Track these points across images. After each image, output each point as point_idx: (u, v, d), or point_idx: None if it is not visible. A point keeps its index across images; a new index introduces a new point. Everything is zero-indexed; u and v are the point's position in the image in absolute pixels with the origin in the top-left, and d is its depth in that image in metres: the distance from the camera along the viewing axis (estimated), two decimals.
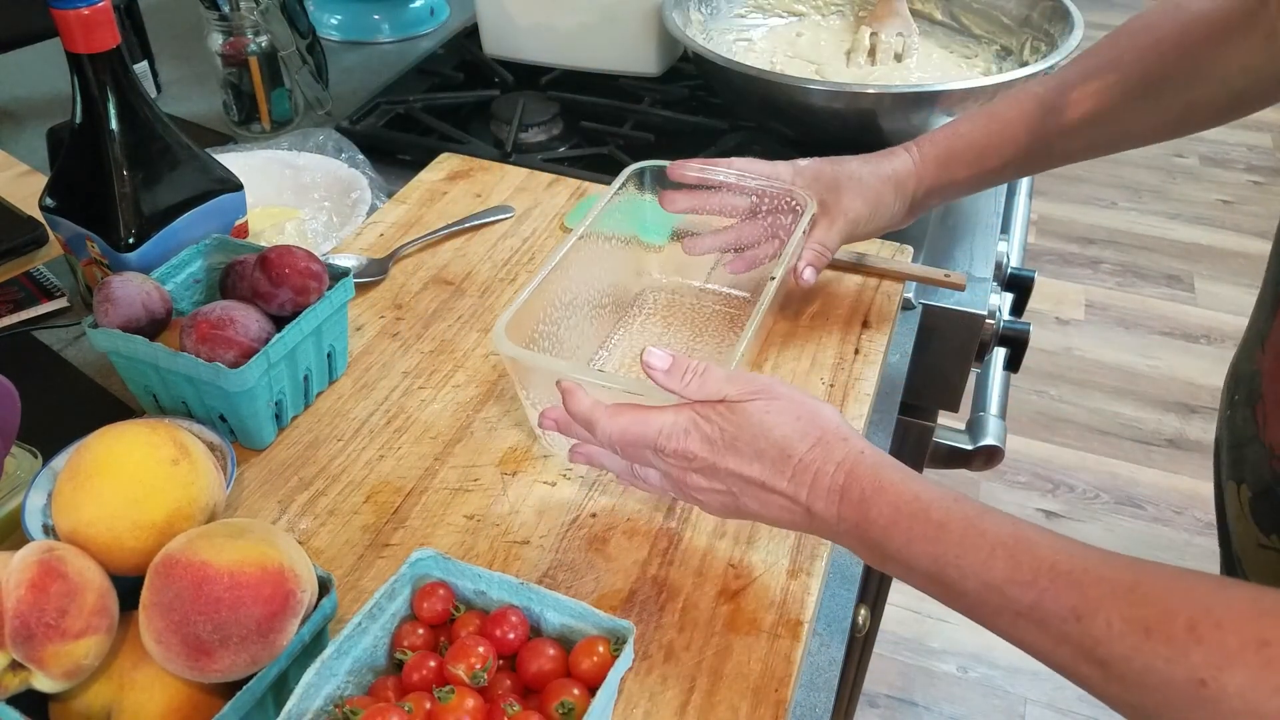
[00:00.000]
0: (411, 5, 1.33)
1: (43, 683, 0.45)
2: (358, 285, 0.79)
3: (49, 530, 0.54)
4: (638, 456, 0.54)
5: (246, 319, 0.62)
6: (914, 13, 1.11)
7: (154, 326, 0.63)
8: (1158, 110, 0.65)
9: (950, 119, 0.77)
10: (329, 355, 0.69)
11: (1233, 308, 2.39)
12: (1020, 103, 0.69)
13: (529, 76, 1.14)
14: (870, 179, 0.71)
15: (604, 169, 0.96)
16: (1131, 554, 0.41)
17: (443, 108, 1.09)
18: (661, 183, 0.76)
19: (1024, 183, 1.18)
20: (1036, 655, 0.42)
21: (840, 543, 0.50)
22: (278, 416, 0.66)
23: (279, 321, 0.65)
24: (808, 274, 0.70)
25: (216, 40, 1.02)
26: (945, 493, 0.47)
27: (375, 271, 0.80)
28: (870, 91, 0.88)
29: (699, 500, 0.53)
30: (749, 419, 0.50)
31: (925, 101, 0.87)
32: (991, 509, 0.46)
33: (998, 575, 0.43)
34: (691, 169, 0.73)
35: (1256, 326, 0.57)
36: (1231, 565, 0.58)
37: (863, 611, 0.91)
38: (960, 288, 0.80)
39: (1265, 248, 2.57)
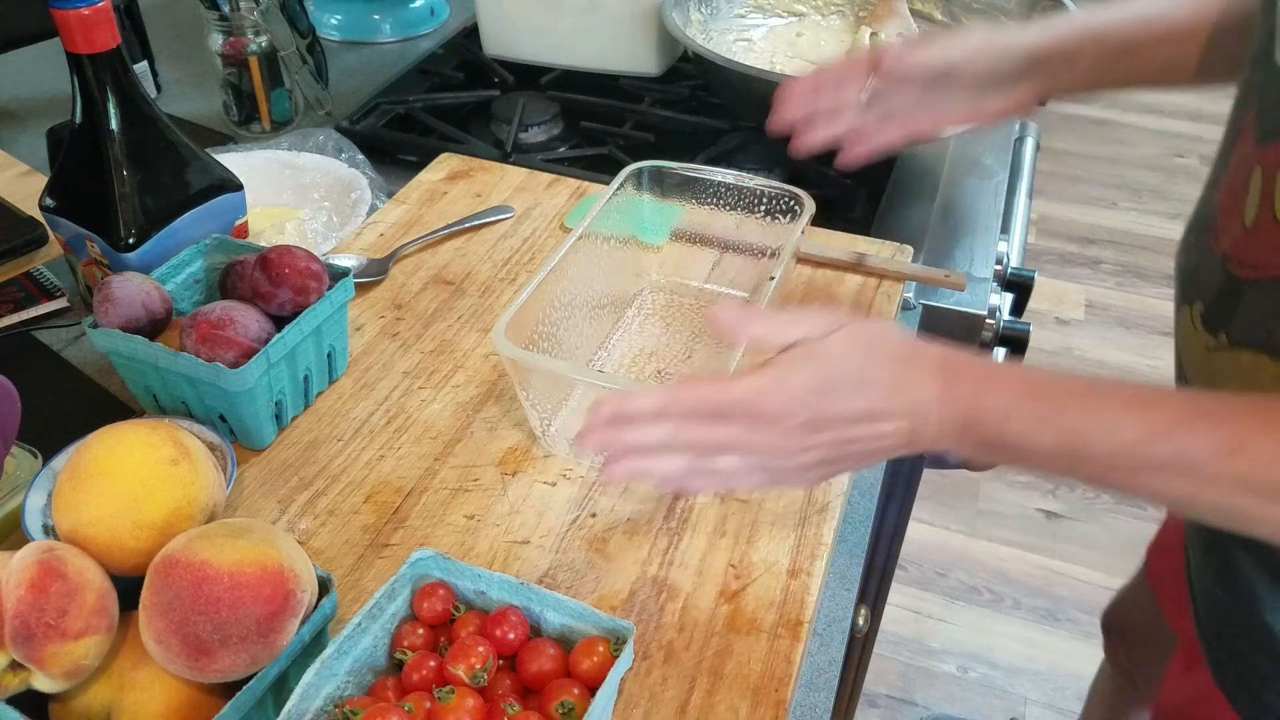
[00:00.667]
0: (411, 5, 1.33)
1: (43, 683, 0.45)
2: (358, 285, 0.79)
3: (49, 530, 0.54)
4: (713, 438, 0.49)
5: (246, 319, 0.62)
6: (914, 13, 1.11)
7: (154, 326, 0.63)
8: None
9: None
10: (329, 355, 0.69)
11: None
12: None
13: (529, 76, 1.14)
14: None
15: (604, 169, 0.96)
16: (1131, 555, 0.42)
17: (443, 108, 1.09)
18: (660, 183, 0.76)
19: (1024, 183, 1.17)
20: (1179, 503, 0.44)
21: (945, 446, 0.48)
22: (278, 416, 0.66)
23: (279, 321, 0.65)
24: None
25: (216, 40, 1.02)
26: (1047, 370, 0.47)
27: (375, 271, 0.80)
28: None
29: (790, 470, 0.50)
30: (838, 353, 0.48)
31: None
32: (1095, 376, 0.47)
33: (1129, 436, 0.43)
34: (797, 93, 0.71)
35: (1214, 175, 0.59)
36: (1184, 380, 0.60)
37: (863, 611, 0.91)
38: (960, 288, 0.80)
39: None
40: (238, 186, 0.74)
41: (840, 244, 0.84)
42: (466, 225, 0.86)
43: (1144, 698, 1.07)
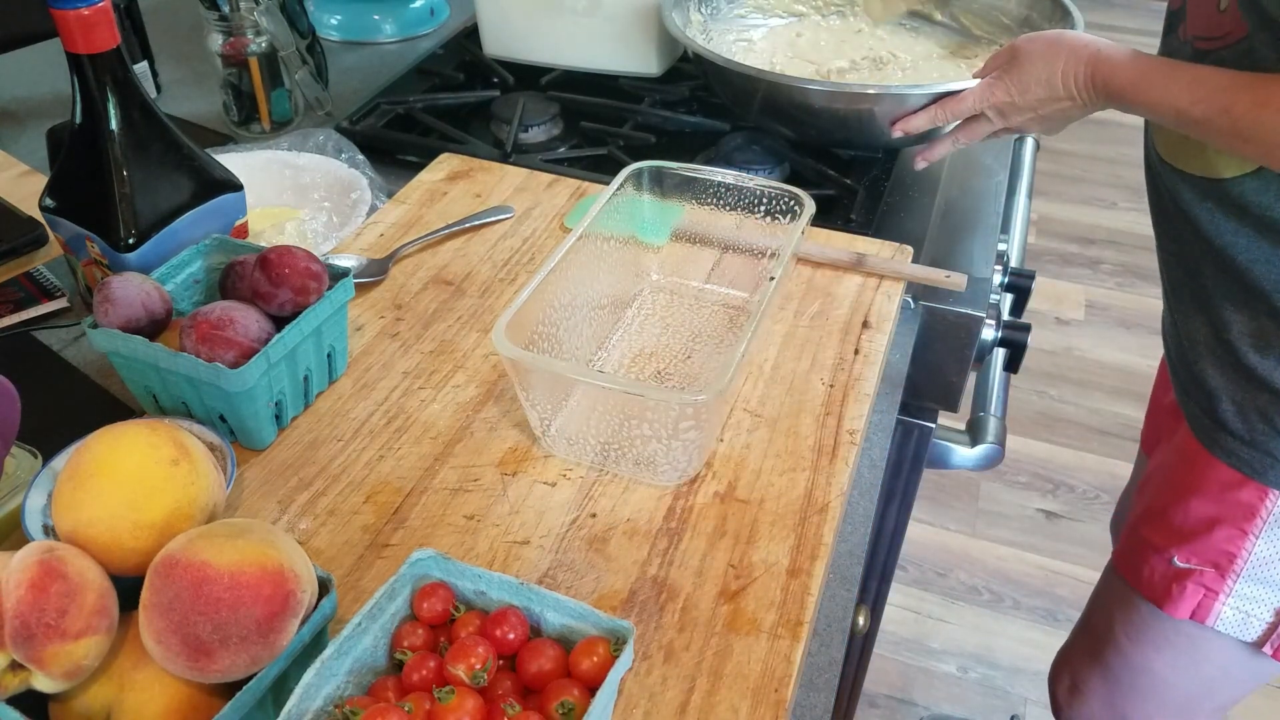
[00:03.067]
0: (411, 5, 1.33)
1: (43, 683, 0.45)
2: (358, 285, 0.79)
3: (49, 530, 0.54)
4: (970, 121, 0.85)
5: (246, 319, 0.62)
6: (914, 13, 1.11)
7: (154, 326, 0.63)
8: None
9: None
10: (329, 355, 0.69)
11: None
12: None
13: (529, 76, 1.14)
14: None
15: (604, 169, 0.96)
16: None
17: (443, 108, 1.09)
18: (660, 183, 0.76)
19: (1024, 183, 1.18)
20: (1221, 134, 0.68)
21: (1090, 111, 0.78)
22: (278, 417, 0.66)
23: (279, 322, 0.65)
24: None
25: (216, 40, 1.02)
26: (1150, 57, 0.74)
27: (375, 271, 0.80)
28: (870, 91, 0.88)
29: (1019, 124, 0.83)
30: (1025, 63, 0.79)
31: (925, 101, 0.87)
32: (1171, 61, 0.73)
33: (1182, 100, 0.70)
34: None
35: None
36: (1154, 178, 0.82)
37: (863, 611, 0.91)
38: (960, 288, 0.80)
39: None
40: (238, 187, 0.74)
41: (840, 244, 0.84)
42: (466, 225, 0.86)
43: None
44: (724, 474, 0.64)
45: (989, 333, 0.89)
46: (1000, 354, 0.99)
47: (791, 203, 0.74)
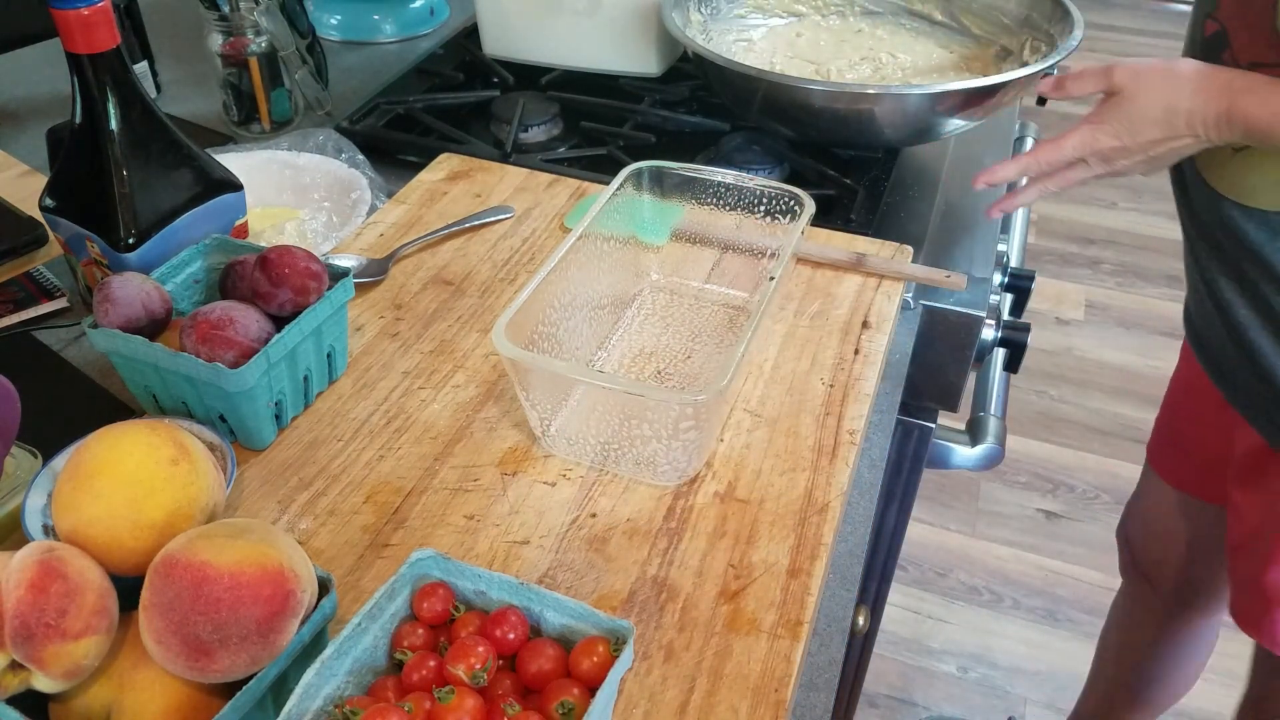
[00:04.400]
0: (411, 5, 1.33)
1: (43, 683, 0.45)
2: (358, 285, 0.79)
3: (49, 530, 0.54)
4: (1066, 168, 0.77)
5: (246, 319, 0.62)
6: (914, 13, 1.11)
7: (154, 326, 0.63)
8: None
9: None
10: (329, 355, 0.69)
11: None
12: None
13: (529, 76, 1.14)
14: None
15: (604, 169, 0.96)
16: None
17: (443, 108, 1.09)
18: (660, 183, 0.76)
19: (1024, 183, 1.18)
20: None
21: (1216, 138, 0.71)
22: (278, 417, 0.66)
23: (279, 321, 0.65)
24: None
25: (216, 40, 1.02)
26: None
27: (375, 271, 0.80)
28: (870, 91, 0.88)
29: (1124, 167, 0.75)
30: (1134, 101, 0.72)
31: (925, 102, 0.87)
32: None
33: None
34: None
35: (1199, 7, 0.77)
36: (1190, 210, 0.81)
37: (863, 611, 0.91)
38: (960, 288, 0.80)
39: None
40: (238, 186, 0.74)
41: (840, 244, 0.84)
42: (466, 225, 0.86)
43: (1162, 598, 1.16)
44: (724, 474, 0.64)
45: (989, 333, 0.89)
46: (1000, 354, 0.99)
47: (791, 203, 0.74)
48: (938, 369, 0.87)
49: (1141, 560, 1.18)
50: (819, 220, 0.87)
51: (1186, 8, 3.73)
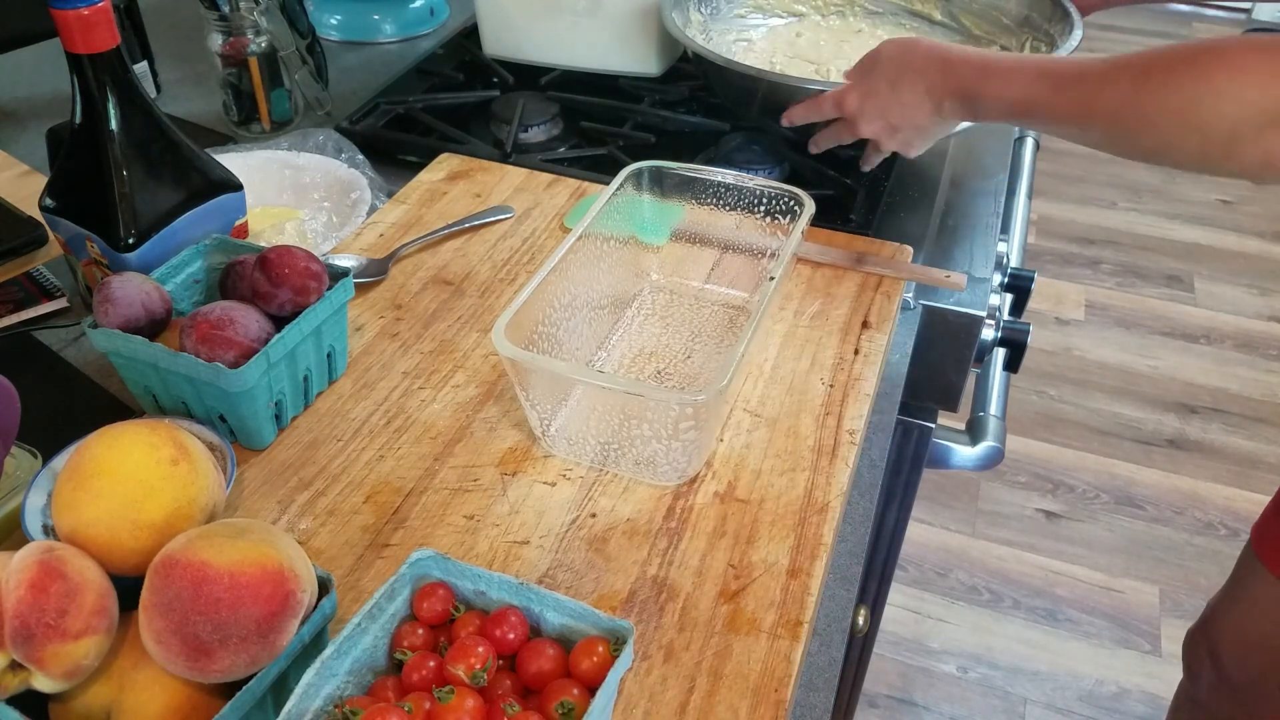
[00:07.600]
0: (411, 5, 1.33)
1: (43, 683, 0.45)
2: (358, 285, 0.79)
3: (49, 530, 0.54)
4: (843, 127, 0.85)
5: (246, 319, 0.62)
6: (914, 13, 1.11)
7: (154, 326, 0.63)
8: None
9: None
10: (329, 355, 0.69)
11: (1232, 308, 2.39)
12: None
13: (529, 76, 1.14)
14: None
15: (604, 169, 0.96)
16: (1131, 555, 0.42)
17: (443, 108, 1.09)
18: (660, 183, 0.76)
19: (1024, 183, 1.18)
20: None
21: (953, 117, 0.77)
22: (277, 417, 0.66)
23: (279, 322, 0.65)
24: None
25: (216, 40, 1.02)
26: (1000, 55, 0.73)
27: (375, 271, 0.80)
28: None
29: (873, 126, 0.81)
30: (874, 65, 0.79)
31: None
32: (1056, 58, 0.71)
33: (1039, 93, 0.68)
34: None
35: None
36: None
37: (863, 612, 0.91)
38: (960, 288, 0.80)
39: (1265, 248, 2.58)
40: (238, 186, 0.74)
41: (840, 244, 0.84)
42: (466, 225, 0.86)
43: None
44: (724, 474, 0.64)
45: (989, 333, 0.89)
46: (1000, 354, 0.99)
47: (791, 203, 0.74)
48: (938, 369, 0.87)
49: (1236, 678, 0.96)
50: (819, 220, 0.87)
51: (1187, 8, 3.73)
